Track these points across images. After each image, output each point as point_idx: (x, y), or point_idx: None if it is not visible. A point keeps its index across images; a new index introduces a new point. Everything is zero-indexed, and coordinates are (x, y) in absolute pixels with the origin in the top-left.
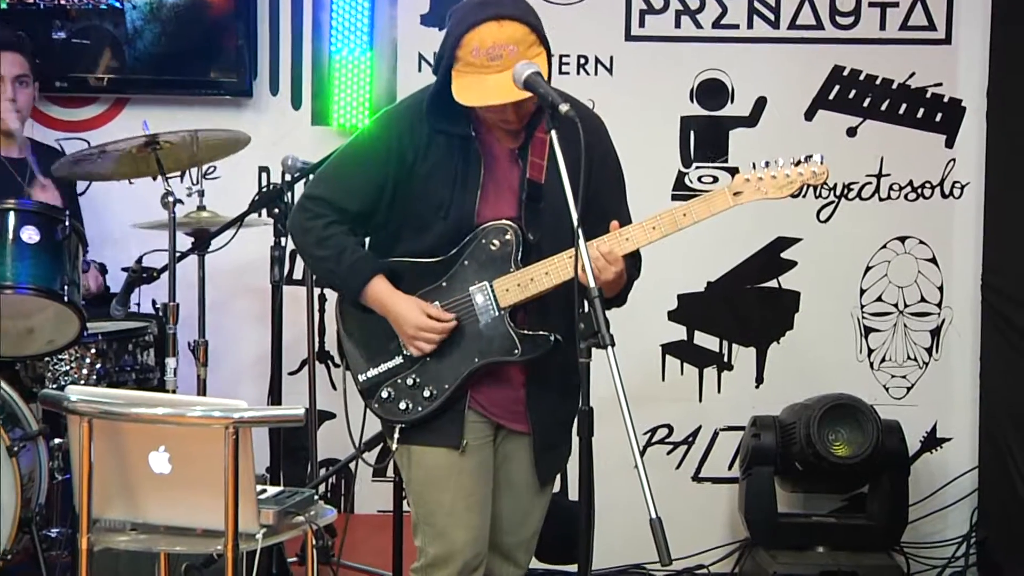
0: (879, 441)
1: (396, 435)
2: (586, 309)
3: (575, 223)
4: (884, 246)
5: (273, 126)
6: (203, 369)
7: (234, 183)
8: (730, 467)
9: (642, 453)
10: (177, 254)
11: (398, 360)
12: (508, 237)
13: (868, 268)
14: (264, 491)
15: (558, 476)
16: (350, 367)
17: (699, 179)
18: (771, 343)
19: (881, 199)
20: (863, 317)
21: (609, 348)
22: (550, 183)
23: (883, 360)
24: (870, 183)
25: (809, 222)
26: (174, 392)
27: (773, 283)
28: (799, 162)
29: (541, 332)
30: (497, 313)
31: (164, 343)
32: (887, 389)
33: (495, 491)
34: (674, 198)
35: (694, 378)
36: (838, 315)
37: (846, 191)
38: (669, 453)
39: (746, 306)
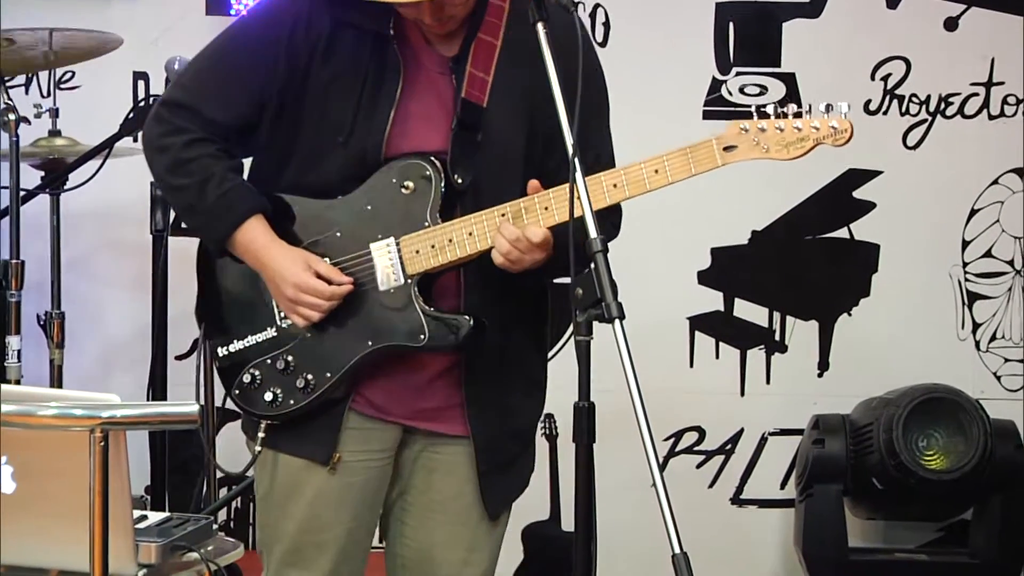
0: (988, 449)
1: (260, 434)
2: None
3: (569, 151)
4: (995, 182)
5: (153, 16)
6: (58, 352)
7: (100, 95)
8: (783, 485)
9: (663, 466)
10: (21, 193)
11: (270, 332)
12: (426, 178)
13: (973, 212)
14: (144, 518)
15: (542, 501)
16: (208, 336)
17: (741, 90)
18: (839, 315)
19: (991, 117)
20: (966, 279)
21: (617, 322)
22: (496, 106)
23: (993, 338)
24: (976, 95)
25: (892, 149)
26: (18, 383)
27: (843, 232)
28: (805, 113)
29: (459, 315)
30: (403, 282)
31: (4, 316)
32: (999, 378)
33: (423, 518)
34: (707, 116)
35: (734, 363)
36: (931, 277)
37: (943, 106)
38: (700, 466)
39: (805, 264)
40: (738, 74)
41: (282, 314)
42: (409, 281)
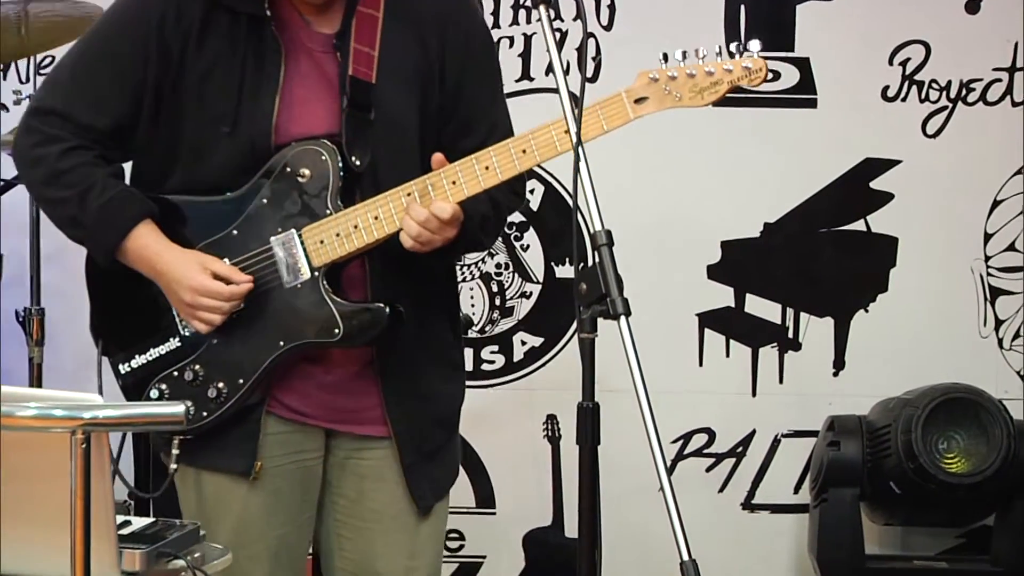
0: (1011, 451)
1: (174, 451)
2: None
3: (573, 139)
4: (1019, 172)
5: None
6: (37, 350)
7: None
8: (796, 490)
9: (670, 470)
10: None
11: (174, 343)
12: (322, 164)
13: (996, 203)
14: (127, 524)
15: (544, 506)
16: (107, 354)
17: None
18: (856, 312)
19: (1015, 103)
20: (989, 274)
21: (622, 319)
22: (386, 81)
23: (1017, 336)
24: (999, 80)
25: (911, 137)
26: None
27: (859, 225)
28: (716, 55)
29: (374, 304)
30: (309, 275)
31: None
32: (1023, 377)
33: (360, 530)
34: (717, 103)
35: (745, 362)
36: (952, 271)
37: (964, 92)
38: (709, 469)
39: (820, 258)
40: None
41: (184, 322)
42: (316, 274)
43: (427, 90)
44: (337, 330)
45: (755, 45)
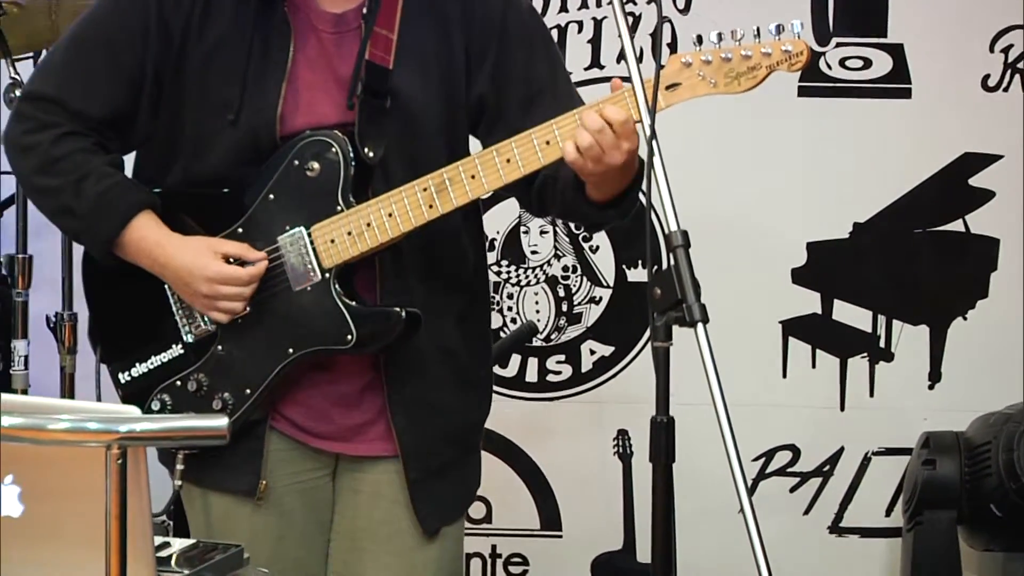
0: None
1: (179, 466)
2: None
3: (646, 131)
4: None
5: None
6: (69, 358)
7: None
8: (888, 512)
9: (751, 490)
10: None
11: (176, 350)
12: (332, 157)
13: None
14: (166, 544)
15: (615, 528)
16: (106, 361)
17: (842, 63)
18: (953, 319)
19: None
20: None
21: (700, 326)
22: (403, 68)
23: None
24: None
25: (1014, 130)
26: (25, 392)
27: (957, 225)
28: (753, 36)
29: (390, 308)
30: (319, 276)
31: (10, 318)
32: None
33: (351, 549)
34: (802, 93)
35: (833, 373)
36: None
37: None
38: (794, 490)
39: (915, 261)
40: (838, 45)
41: (187, 328)
42: (327, 275)
43: (452, 79)
44: (350, 336)
45: (796, 25)
